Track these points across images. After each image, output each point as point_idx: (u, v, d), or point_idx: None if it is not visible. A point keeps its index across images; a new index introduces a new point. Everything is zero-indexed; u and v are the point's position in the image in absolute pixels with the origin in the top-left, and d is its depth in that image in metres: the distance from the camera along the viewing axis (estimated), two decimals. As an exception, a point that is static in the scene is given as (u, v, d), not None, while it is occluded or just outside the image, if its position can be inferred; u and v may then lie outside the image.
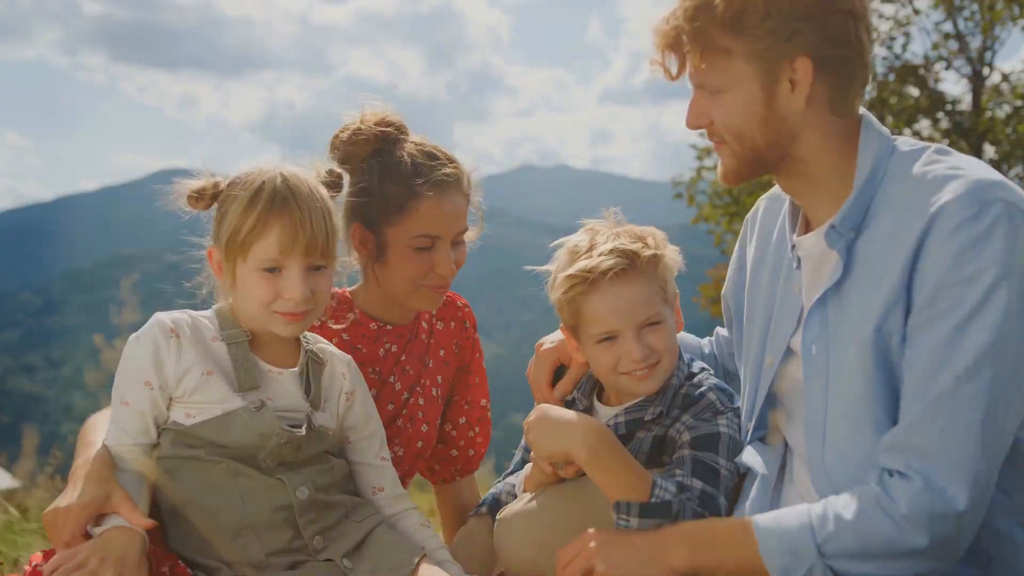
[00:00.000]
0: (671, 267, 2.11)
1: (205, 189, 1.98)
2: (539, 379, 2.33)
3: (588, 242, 2.08)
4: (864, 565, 1.67)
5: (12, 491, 6.47)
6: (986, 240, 1.62)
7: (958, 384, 1.62)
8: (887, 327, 1.73)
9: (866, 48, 1.83)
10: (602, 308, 2.02)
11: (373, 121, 2.33)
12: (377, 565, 1.93)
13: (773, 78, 1.82)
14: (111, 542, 1.75)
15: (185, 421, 1.90)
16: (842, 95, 1.84)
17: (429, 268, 2.29)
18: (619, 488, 1.88)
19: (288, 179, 1.91)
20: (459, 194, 2.32)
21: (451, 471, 2.68)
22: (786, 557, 1.70)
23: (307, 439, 1.95)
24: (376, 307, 2.47)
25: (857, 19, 1.80)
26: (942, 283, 1.65)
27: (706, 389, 2.10)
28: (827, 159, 1.87)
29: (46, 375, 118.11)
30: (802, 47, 1.79)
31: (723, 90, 1.86)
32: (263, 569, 1.87)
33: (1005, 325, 1.60)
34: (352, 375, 2.15)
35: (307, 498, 1.91)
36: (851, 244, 1.82)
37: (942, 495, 1.61)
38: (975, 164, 1.75)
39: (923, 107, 15.58)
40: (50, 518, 1.80)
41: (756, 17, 1.78)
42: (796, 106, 1.82)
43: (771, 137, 1.86)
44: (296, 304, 1.91)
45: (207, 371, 1.90)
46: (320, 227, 1.90)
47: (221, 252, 1.94)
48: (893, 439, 1.69)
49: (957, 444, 1.61)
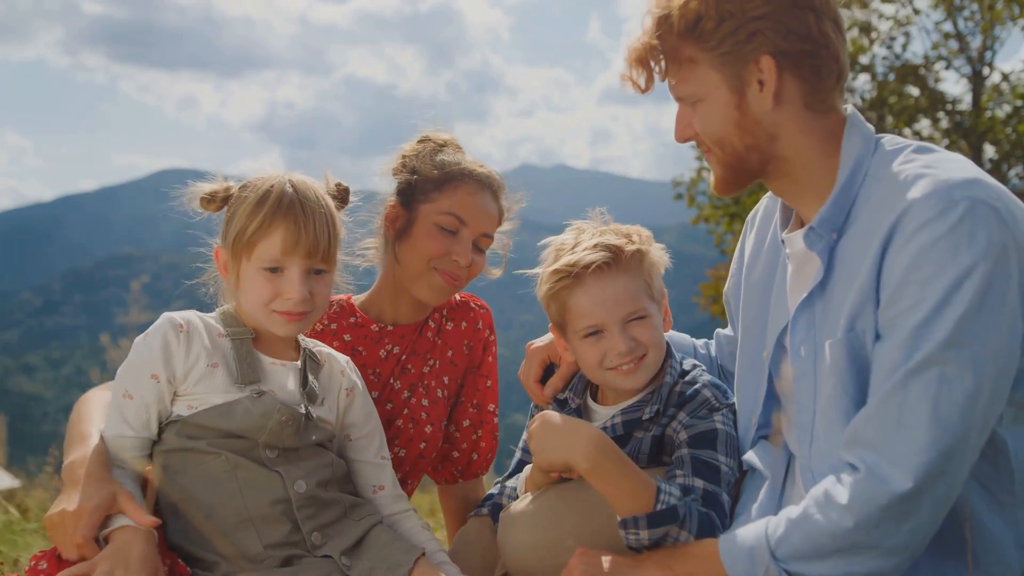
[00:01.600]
0: (657, 264, 2.13)
1: (217, 192, 2.06)
2: (529, 376, 2.36)
3: (573, 240, 2.12)
4: (819, 566, 1.67)
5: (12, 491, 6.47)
6: (947, 240, 1.61)
7: (908, 378, 1.61)
8: (859, 326, 1.74)
9: (833, 41, 1.83)
10: (587, 302, 2.05)
11: (442, 135, 2.56)
12: (375, 564, 1.95)
13: (741, 81, 1.83)
14: (128, 547, 1.76)
15: (187, 412, 1.93)
16: (813, 90, 1.84)
17: (447, 251, 2.37)
18: (621, 497, 1.88)
19: (296, 185, 2.00)
20: (494, 200, 2.47)
21: (452, 472, 2.68)
22: (745, 563, 1.73)
23: (306, 424, 1.99)
24: (382, 306, 2.52)
25: (818, 13, 1.81)
26: (902, 282, 1.65)
27: (700, 386, 2.11)
28: (810, 157, 1.87)
29: (46, 375, 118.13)
30: (763, 46, 1.80)
31: (699, 99, 1.89)
32: (260, 562, 1.89)
33: (964, 323, 1.59)
34: (351, 373, 2.19)
35: (305, 492, 1.94)
36: (834, 245, 1.82)
37: (882, 480, 1.60)
38: (950, 161, 1.74)
39: (923, 107, 15.58)
40: (56, 522, 1.79)
41: (712, 23, 1.81)
42: (766, 105, 1.83)
43: (749, 140, 1.87)
44: (295, 304, 1.97)
45: (212, 363, 1.96)
46: (323, 232, 1.98)
47: (228, 252, 2.02)
48: (848, 434, 1.70)
49: (903, 434, 1.61)
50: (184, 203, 2.09)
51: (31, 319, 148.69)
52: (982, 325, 1.59)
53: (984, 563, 1.74)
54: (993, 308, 1.59)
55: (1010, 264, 1.61)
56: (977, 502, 1.74)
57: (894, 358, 1.64)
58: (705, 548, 1.82)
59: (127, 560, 1.73)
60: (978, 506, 1.74)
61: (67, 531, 1.77)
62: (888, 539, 1.61)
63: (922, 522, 1.62)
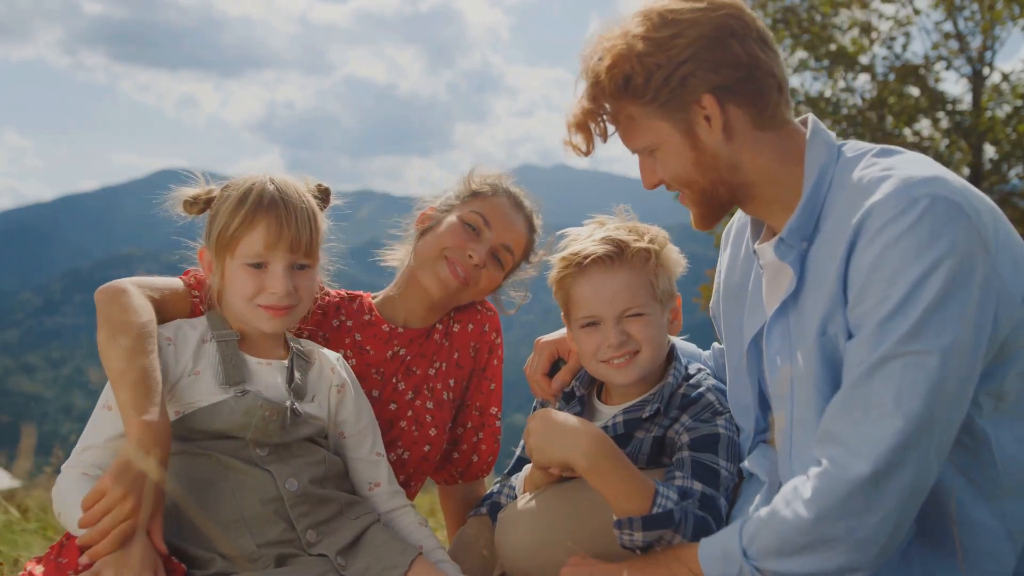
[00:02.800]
0: (666, 266, 2.13)
1: (199, 196, 2.10)
2: (536, 370, 2.36)
3: (588, 232, 2.16)
4: (789, 562, 1.67)
5: (12, 491, 6.47)
6: (910, 236, 1.62)
7: (872, 371, 1.63)
8: (831, 330, 1.75)
9: (763, 60, 1.84)
10: (586, 292, 2.09)
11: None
12: (371, 564, 1.95)
13: (689, 123, 1.85)
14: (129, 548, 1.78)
15: (174, 418, 1.95)
16: (760, 111, 1.86)
17: (462, 245, 2.40)
18: (619, 497, 1.88)
19: (277, 183, 2.04)
20: (526, 223, 2.54)
21: (452, 473, 2.67)
22: (719, 563, 1.75)
23: (293, 420, 2.00)
24: (395, 307, 2.54)
25: (741, 38, 1.82)
26: (868, 281, 1.66)
27: (704, 390, 2.11)
28: (774, 175, 1.89)
29: (46, 375, 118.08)
30: (699, 87, 1.81)
31: (654, 148, 1.91)
32: (255, 560, 1.89)
33: (928, 315, 1.60)
34: (341, 370, 2.20)
35: (296, 490, 1.95)
36: (805, 254, 1.84)
37: (842, 469, 1.61)
38: (910, 162, 1.76)
39: (923, 107, 15.58)
40: (139, 432, 1.80)
41: (641, 79, 1.83)
42: (719, 139, 1.85)
43: (713, 175, 1.89)
44: (279, 298, 2.00)
45: (196, 371, 1.98)
46: (304, 226, 2.01)
47: (211, 251, 2.05)
48: (819, 431, 1.71)
49: (865, 424, 1.61)
50: (169, 208, 2.11)
51: (31, 319, 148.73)
52: (947, 317, 1.60)
53: (975, 556, 1.75)
54: (958, 301, 1.60)
55: (974, 257, 1.62)
56: (963, 495, 1.74)
57: (860, 353, 1.66)
58: (688, 550, 1.83)
59: (128, 561, 1.75)
60: (965, 499, 1.75)
61: (148, 448, 1.78)
62: (854, 532, 1.61)
63: (889, 512, 1.60)
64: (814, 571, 1.65)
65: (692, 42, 1.79)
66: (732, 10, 1.83)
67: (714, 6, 1.82)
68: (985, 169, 15.15)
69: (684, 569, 1.80)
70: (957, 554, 1.74)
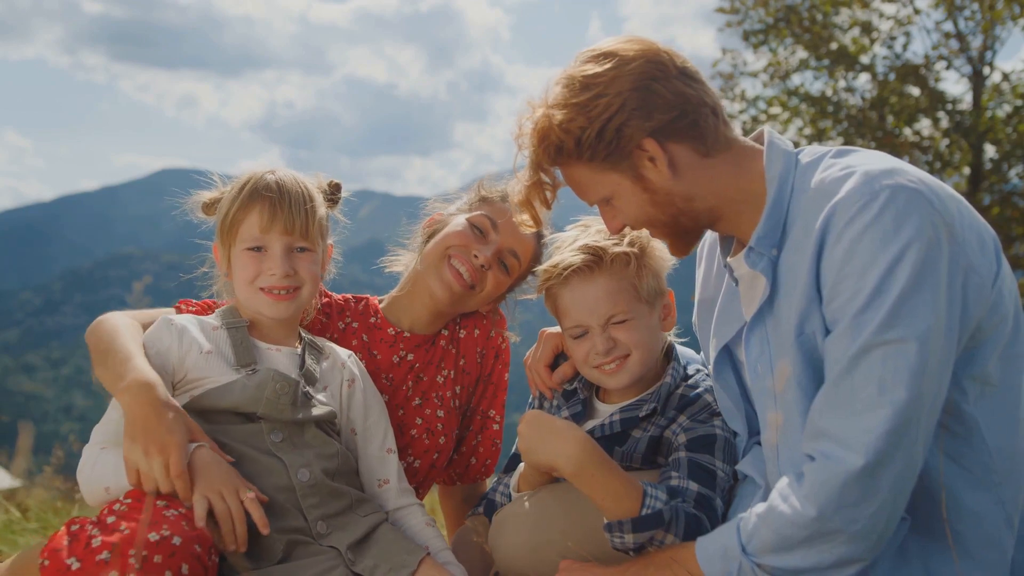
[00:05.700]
0: (650, 266, 2.14)
1: (216, 198, 2.18)
2: (539, 361, 2.37)
3: (571, 238, 2.16)
4: (788, 557, 1.68)
5: (12, 491, 6.47)
6: (875, 228, 1.65)
7: (853, 364, 1.65)
8: (808, 328, 1.77)
9: (691, 95, 1.86)
10: (570, 303, 2.11)
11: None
12: (379, 563, 1.95)
13: (635, 169, 1.87)
14: (215, 463, 1.83)
15: (187, 400, 1.97)
16: (701, 141, 1.88)
17: (467, 244, 2.41)
18: (607, 500, 1.88)
19: (275, 172, 2.11)
20: (534, 235, 2.51)
21: (451, 475, 2.67)
22: (719, 561, 1.76)
23: (303, 399, 2.03)
24: (400, 310, 2.53)
25: (662, 79, 1.84)
26: (840, 276, 1.69)
27: (702, 391, 2.11)
28: (732, 195, 1.91)
29: (46, 375, 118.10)
30: (635, 135, 1.84)
31: (609, 198, 1.94)
32: (268, 547, 1.88)
33: (901, 303, 1.62)
34: (352, 366, 2.22)
35: (308, 480, 1.96)
36: (776, 261, 1.86)
37: (837, 463, 1.62)
38: (868, 158, 1.79)
39: (923, 106, 15.56)
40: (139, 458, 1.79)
41: (571, 144, 1.86)
42: (667, 177, 1.87)
43: (671, 210, 1.92)
44: (278, 279, 2.05)
45: (207, 351, 2.02)
46: (299, 209, 2.06)
47: (220, 243, 2.12)
48: (807, 428, 1.72)
49: (853, 417, 1.63)
50: (186, 208, 2.20)
51: (31, 319, 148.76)
52: (919, 303, 1.62)
53: (972, 544, 1.76)
54: (928, 285, 1.63)
55: (939, 240, 1.65)
56: (956, 482, 1.75)
57: (840, 348, 1.68)
58: (685, 551, 1.83)
59: (219, 476, 1.79)
60: (957, 486, 1.76)
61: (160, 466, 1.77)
62: (852, 524, 1.63)
63: (884, 501, 1.62)
64: (813, 564, 1.67)
65: (615, 97, 1.82)
66: (647, 56, 1.85)
67: (627, 60, 1.84)
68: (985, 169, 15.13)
69: (682, 571, 1.80)
70: (948, 540, 1.76)
